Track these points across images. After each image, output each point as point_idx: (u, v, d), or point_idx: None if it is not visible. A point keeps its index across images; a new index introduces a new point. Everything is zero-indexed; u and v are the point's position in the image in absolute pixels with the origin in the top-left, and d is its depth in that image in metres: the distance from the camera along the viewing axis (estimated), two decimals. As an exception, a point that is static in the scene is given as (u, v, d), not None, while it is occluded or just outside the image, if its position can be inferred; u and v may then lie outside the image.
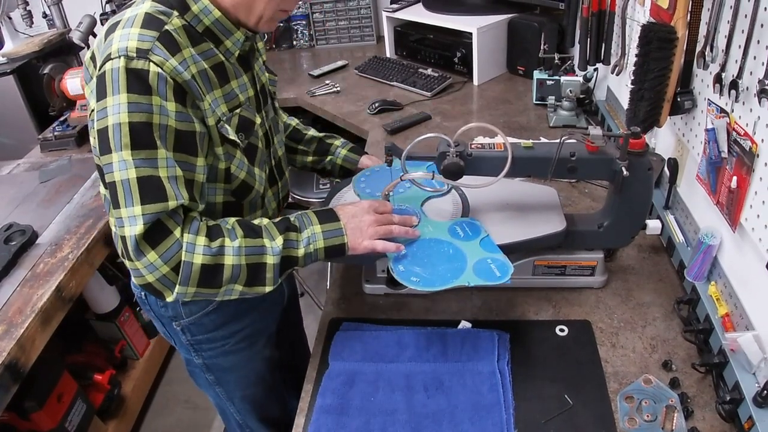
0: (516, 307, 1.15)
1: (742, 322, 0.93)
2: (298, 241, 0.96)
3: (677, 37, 1.01)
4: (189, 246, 0.87)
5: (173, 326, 1.15)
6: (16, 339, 1.28)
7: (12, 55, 2.40)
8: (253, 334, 1.23)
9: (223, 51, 0.96)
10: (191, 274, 0.87)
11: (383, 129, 1.87)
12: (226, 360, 1.23)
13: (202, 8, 0.92)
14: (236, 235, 0.91)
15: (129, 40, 0.84)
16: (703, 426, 0.89)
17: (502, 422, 0.91)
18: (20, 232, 1.56)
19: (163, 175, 0.85)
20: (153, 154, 0.84)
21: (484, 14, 2.10)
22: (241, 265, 0.90)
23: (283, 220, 0.98)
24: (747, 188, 0.89)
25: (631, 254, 1.25)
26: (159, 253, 0.85)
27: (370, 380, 1.00)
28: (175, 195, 0.86)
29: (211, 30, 0.94)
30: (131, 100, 0.83)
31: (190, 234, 0.88)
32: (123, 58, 0.82)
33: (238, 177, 1.01)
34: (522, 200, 1.18)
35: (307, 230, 0.97)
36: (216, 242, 0.89)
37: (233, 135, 0.96)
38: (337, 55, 2.57)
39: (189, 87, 0.88)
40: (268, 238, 0.94)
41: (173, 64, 0.85)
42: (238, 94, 0.99)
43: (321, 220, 0.99)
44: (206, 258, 0.87)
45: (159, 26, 0.87)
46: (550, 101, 1.81)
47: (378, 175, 1.29)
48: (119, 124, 0.83)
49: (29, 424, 1.56)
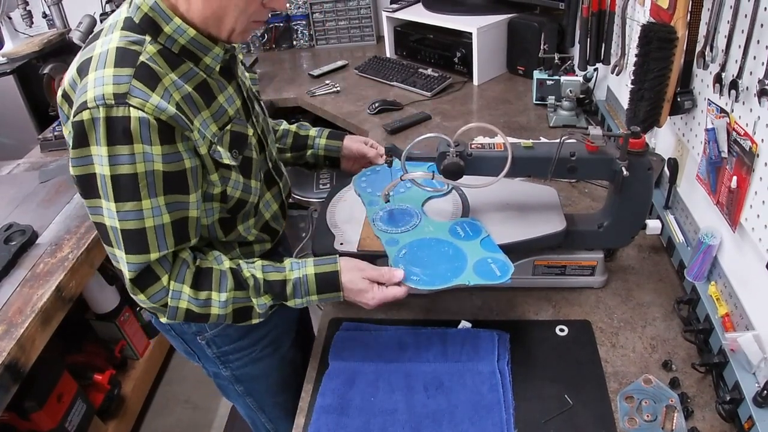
0: (516, 307, 1.15)
1: (742, 322, 0.93)
2: (290, 304, 0.98)
3: (677, 37, 1.01)
4: (175, 294, 0.90)
5: (197, 341, 1.14)
6: (16, 339, 1.28)
7: (12, 55, 2.40)
8: (278, 337, 1.23)
9: (203, 68, 0.92)
10: (177, 314, 0.92)
11: (383, 129, 1.87)
12: (254, 368, 1.22)
13: (175, 28, 0.88)
14: (225, 288, 0.93)
15: (104, 85, 0.80)
16: (703, 426, 0.89)
17: (502, 422, 0.91)
18: (20, 232, 1.56)
19: (149, 225, 0.85)
20: (138, 205, 0.84)
21: (484, 14, 2.10)
22: (227, 314, 0.94)
23: (276, 284, 0.96)
24: (747, 188, 0.89)
25: (631, 254, 1.25)
26: (148, 296, 0.90)
27: (370, 380, 1.00)
28: (158, 246, 0.87)
29: (187, 49, 0.89)
30: (113, 153, 0.80)
31: (176, 282, 0.90)
32: (101, 107, 0.79)
33: (234, 197, 0.99)
34: (522, 200, 1.18)
35: (302, 299, 0.97)
36: (203, 294, 0.92)
37: (227, 157, 0.94)
38: (337, 55, 2.57)
39: (175, 121, 0.84)
40: (255, 295, 0.95)
41: (155, 103, 0.81)
42: (227, 108, 0.96)
43: (321, 290, 0.97)
44: (192, 306, 0.92)
45: (133, 60, 0.83)
46: (550, 101, 1.81)
47: (378, 175, 1.29)
48: (104, 176, 0.82)
49: (29, 424, 1.56)
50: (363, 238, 1.11)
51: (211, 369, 1.23)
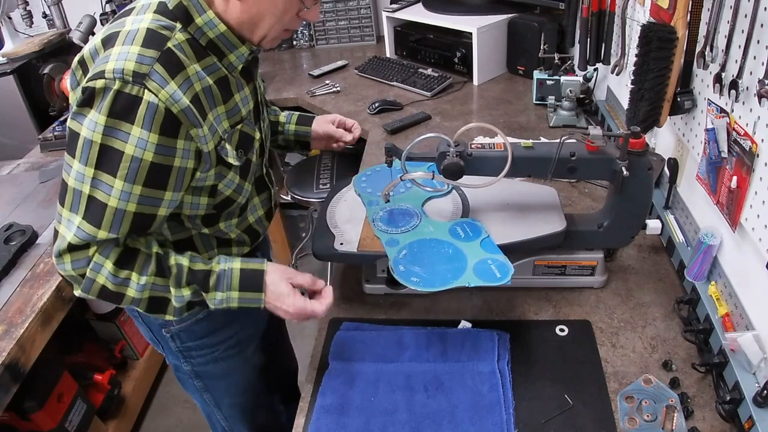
0: (516, 307, 1.15)
1: (742, 322, 0.93)
2: (209, 298, 0.94)
3: (677, 37, 1.01)
4: (95, 266, 0.88)
5: (162, 333, 1.14)
6: (16, 339, 1.28)
7: (12, 55, 2.40)
8: (243, 340, 1.22)
9: (226, 65, 0.93)
10: (92, 288, 0.89)
11: (383, 129, 1.87)
12: (216, 367, 1.22)
13: (207, 21, 0.89)
14: (147, 271, 0.90)
15: (127, 61, 0.80)
16: (703, 426, 0.89)
17: (502, 422, 0.91)
18: (20, 232, 1.56)
19: (112, 204, 0.84)
20: (112, 181, 0.83)
21: (484, 14, 2.10)
22: (142, 298, 0.91)
23: (200, 273, 0.93)
24: (747, 188, 0.89)
25: (631, 254, 1.25)
26: (72, 260, 0.87)
27: (370, 380, 1.00)
28: (110, 227, 0.85)
29: (214, 43, 0.91)
30: (111, 125, 0.80)
31: (99, 255, 0.88)
32: (118, 80, 0.79)
33: (224, 193, 0.99)
34: (522, 200, 1.18)
35: (223, 294, 0.94)
36: (123, 273, 0.89)
37: (232, 156, 0.94)
38: (337, 55, 2.57)
39: (185, 116, 0.84)
40: (175, 285, 0.92)
41: (170, 91, 0.82)
42: (241, 108, 0.97)
43: (243, 288, 0.94)
44: (108, 283, 0.89)
45: (161, 44, 0.83)
46: (550, 101, 1.81)
47: (378, 174, 1.29)
48: (92, 142, 0.81)
49: (29, 424, 1.56)
50: (363, 238, 1.11)
51: (172, 361, 1.23)
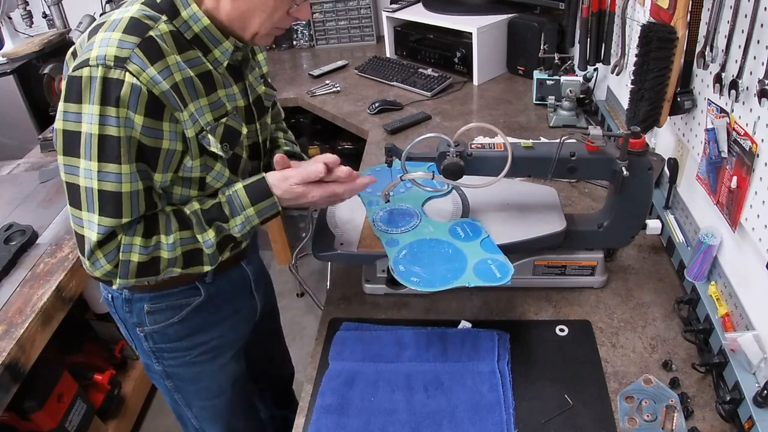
0: (516, 307, 1.15)
1: (742, 322, 0.93)
2: (231, 227, 0.97)
3: (677, 37, 1.01)
4: (125, 247, 0.90)
5: (137, 331, 1.13)
6: (16, 339, 1.28)
7: (12, 55, 2.39)
8: (219, 347, 1.21)
9: (211, 60, 0.94)
10: (129, 270, 0.91)
11: (383, 129, 1.87)
12: (186, 370, 1.21)
13: (191, 14, 0.91)
14: (171, 229, 0.93)
15: (108, 47, 0.82)
16: (703, 426, 0.89)
17: (502, 422, 0.91)
18: (20, 232, 1.56)
19: (126, 190, 0.87)
20: (118, 168, 0.85)
21: (484, 14, 2.10)
22: (176, 257, 0.94)
23: (213, 207, 0.96)
24: (747, 188, 0.89)
25: (631, 254, 1.25)
26: (104, 254, 0.90)
27: (370, 380, 1.00)
28: (131, 212, 0.89)
29: (199, 37, 0.92)
30: (104, 113, 0.83)
31: (126, 236, 0.90)
32: (101, 67, 0.81)
33: (213, 186, 1.00)
34: (522, 200, 1.18)
35: (240, 216, 0.96)
36: (152, 240, 0.92)
37: (215, 146, 0.95)
38: (337, 55, 2.57)
39: (166, 98, 0.86)
40: (199, 231, 0.95)
41: (151, 74, 0.84)
42: (225, 102, 0.97)
43: (254, 200, 0.97)
44: (142, 257, 0.91)
45: (142, 32, 0.85)
46: (550, 101, 1.81)
47: (378, 175, 1.29)
48: (91, 135, 0.83)
49: (29, 424, 1.56)
50: (363, 238, 1.11)
51: (144, 360, 1.22)
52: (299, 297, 2.64)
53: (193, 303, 1.11)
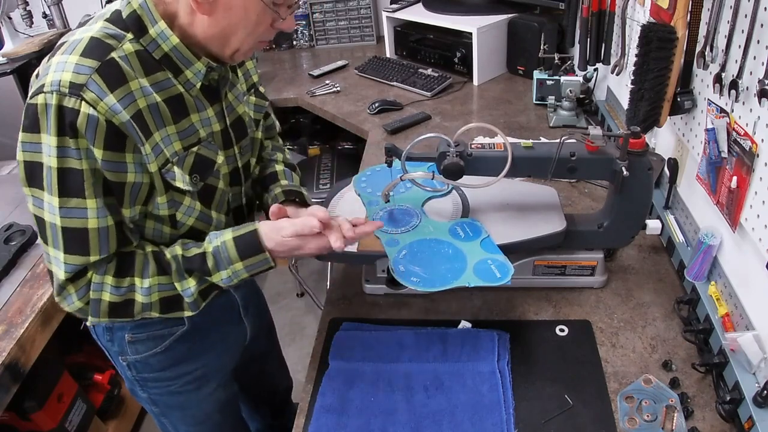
0: (516, 307, 1.15)
1: (742, 322, 0.93)
2: (215, 279, 0.90)
3: (677, 37, 1.01)
4: (96, 286, 0.85)
5: (119, 360, 1.08)
6: (16, 339, 1.28)
7: (12, 55, 2.39)
8: (205, 375, 1.15)
9: (183, 82, 0.86)
10: (100, 309, 0.87)
11: (383, 129, 1.87)
12: (171, 399, 1.16)
13: (159, 32, 0.83)
14: (148, 273, 0.87)
15: (64, 72, 0.76)
16: (703, 426, 0.89)
17: (502, 422, 0.91)
18: (20, 232, 1.56)
19: (93, 226, 0.81)
20: (83, 203, 0.80)
21: (484, 14, 2.10)
22: (152, 302, 0.88)
23: (196, 258, 0.89)
24: (747, 188, 0.89)
25: (631, 254, 1.25)
26: (76, 290, 0.86)
27: (370, 380, 1.00)
28: (99, 249, 0.83)
29: (169, 57, 0.84)
30: (61, 144, 0.77)
31: (97, 275, 0.85)
32: (55, 94, 0.75)
33: (186, 224, 0.94)
34: (522, 200, 1.18)
35: (227, 270, 0.89)
36: (125, 281, 0.86)
37: (180, 180, 0.88)
38: (337, 55, 2.57)
39: (127, 129, 0.79)
40: (178, 278, 0.89)
41: (109, 103, 0.77)
42: (199, 129, 0.90)
43: (243, 255, 0.89)
44: (114, 297, 0.86)
45: (103, 54, 0.78)
46: (550, 101, 1.81)
47: (378, 174, 1.29)
48: (50, 168, 0.78)
49: (29, 424, 1.56)
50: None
51: (128, 386, 1.16)
52: (299, 297, 2.64)
53: (176, 333, 1.05)
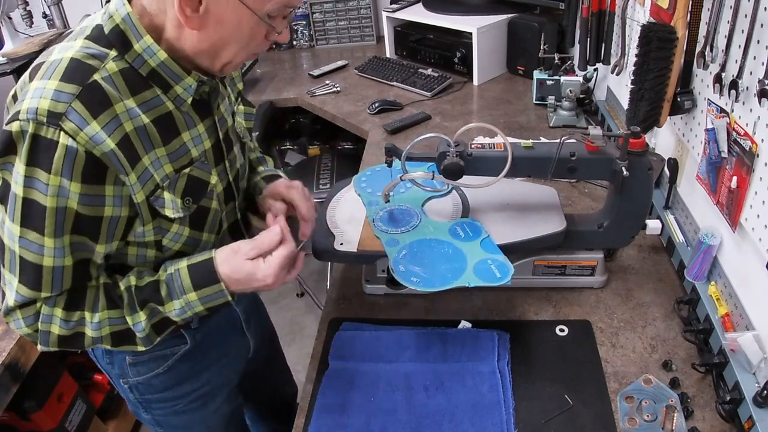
0: (516, 307, 1.15)
1: (742, 322, 0.93)
2: (168, 311, 0.85)
3: (677, 37, 1.01)
4: (45, 318, 0.81)
5: (121, 383, 1.05)
6: (16, 339, 1.28)
7: (12, 55, 2.39)
8: (210, 391, 1.13)
9: (173, 97, 0.81)
10: (50, 340, 0.83)
11: (383, 129, 1.87)
12: (176, 418, 1.13)
13: (145, 48, 0.77)
14: (98, 307, 0.83)
15: (42, 98, 0.70)
16: (703, 426, 0.89)
17: (502, 422, 0.91)
18: (20, 232, 1.56)
19: (47, 264, 0.77)
20: (41, 240, 0.75)
21: (484, 14, 2.10)
22: (102, 336, 0.84)
23: (149, 286, 0.84)
24: (747, 188, 0.89)
25: (631, 254, 1.25)
26: (23, 316, 0.82)
27: (370, 380, 1.00)
28: (51, 287, 0.79)
29: (157, 73, 0.79)
30: (30, 174, 0.72)
31: (46, 306, 0.81)
32: (32, 123, 0.70)
33: (172, 248, 0.90)
34: (522, 200, 1.18)
35: (180, 300, 0.84)
36: (75, 315, 0.82)
37: (170, 208, 0.83)
38: (337, 55, 2.57)
39: (109, 160, 0.74)
40: (130, 312, 0.84)
41: (90, 133, 0.72)
42: (191, 149, 0.85)
43: (197, 285, 0.84)
44: (63, 330, 0.82)
45: (84, 77, 0.73)
46: (550, 101, 1.81)
47: (378, 174, 1.29)
48: (16, 195, 0.73)
49: (29, 424, 1.56)
50: (363, 238, 1.11)
51: (132, 408, 1.13)
52: (299, 297, 2.64)
53: (178, 352, 1.02)
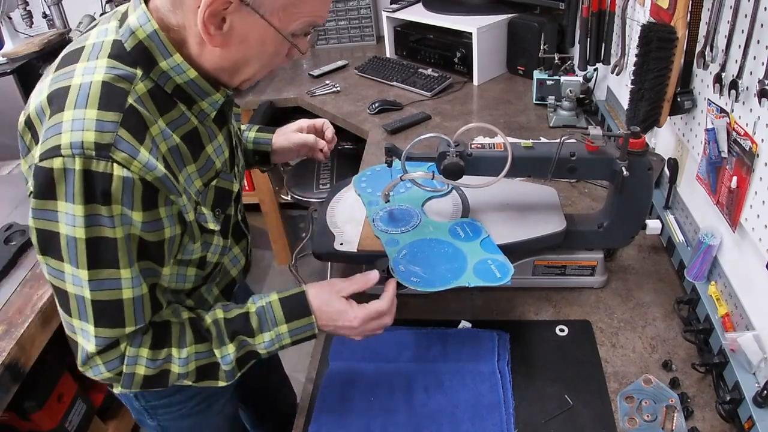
0: (516, 307, 1.15)
1: (742, 322, 0.93)
2: (257, 343, 0.84)
3: (677, 37, 1.01)
4: (130, 360, 0.79)
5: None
6: (16, 339, 1.28)
7: (12, 55, 2.39)
8: (213, 394, 1.12)
9: (197, 112, 0.80)
10: (133, 382, 0.81)
11: (383, 129, 1.87)
12: (182, 423, 1.11)
13: (174, 66, 0.75)
14: (186, 342, 0.81)
15: (85, 131, 0.66)
16: (703, 426, 0.89)
17: (502, 422, 0.91)
18: (20, 232, 1.56)
19: (127, 296, 0.74)
20: (116, 273, 0.72)
21: (484, 14, 2.10)
22: (189, 372, 0.82)
23: (239, 318, 0.84)
24: (747, 188, 0.89)
25: (631, 254, 1.25)
26: (104, 362, 0.78)
27: (370, 380, 1.00)
28: (134, 320, 0.76)
29: (183, 90, 0.77)
30: (90, 212, 0.68)
31: (132, 348, 0.78)
32: (78, 158, 0.65)
33: (212, 262, 0.90)
34: (522, 200, 1.18)
35: (270, 332, 0.84)
36: (161, 353, 0.80)
37: (211, 221, 0.84)
38: (337, 55, 2.57)
39: (162, 183, 0.72)
40: (218, 344, 0.83)
41: (143, 161, 0.69)
42: (215, 160, 0.85)
43: (289, 318, 0.85)
44: (149, 370, 0.80)
45: (121, 103, 0.69)
46: (550, 101, 1.81)
47: (378, 174, 1.29)
48: (75, 239, 0.69)
49: (29, 424, 1.56)
50: (363, 238, 1.11)
51: (136, 416, 1.12)
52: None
53: None
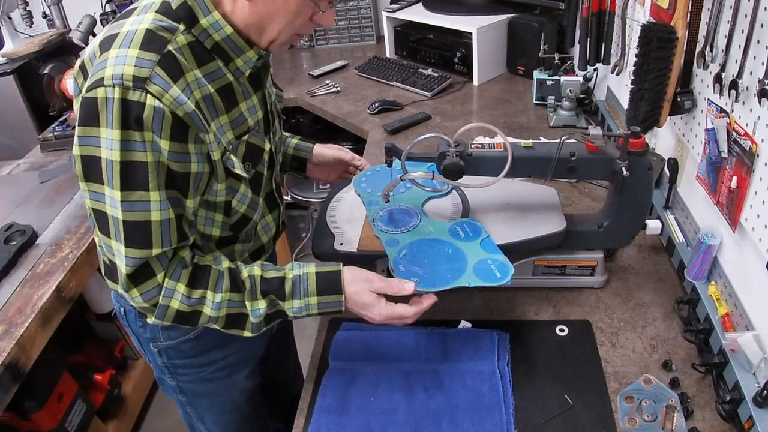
0: (516, 307, 1.15)
1: (742, 322, 0.93)
2: (286, 307, 0.92)
3: (677, 37, 1.01)
4: (167, 291, 0.86)
5: (150, 347, 1.10)
6: (16, 339, 1.28)
7: (12, 55, 2.39)
8: (236, 363, 1.17)
9: (233, 70, 0.89)
10: (166, 314, 0.88)
11: (383, 129, 1.87)
12: (201, 386, 1.18)
13: (213, 23, 0.84)
14: (222, 288, 0.89)
15: (125, 65, 0.76)
16: (703, 426, 0.89)
17: (502, 422, 0.91)
18: (20, 232, 1.56)
19: (155, 218, 0.82)
20: (146, 196, 0.80)
21: (484, 14, 2.10)
22: (219, 316, 0.89)
23: (275, 281, 0.91)
24: (747, 188, 0.89)
25: (631, 254, 1.25)
26: (141, 292, 0.86)
27: (370, 380, 1.00)
28: (161, 242, 0.83)
29: (220, 47, 0.86)
30: (125, 138, 0.77)
31: (170, 280, 0.86)
32: (118, 87, 0.75)
33: (239, 211, 0.96)
34: (522, 200, 1.18)
35: (301, 301, 0.91)
36: (197, 292, 0.88)
37: (239, 167, 0.90)
38: (337, 55, 2.57)
39: (191, 120, 0.81)
40: (250, 298, 0.90)
41: (174, 95, 0.78)
42: (247, 118, 0.92)
43: (321, 291, 0.92)
44: (183, 306, 0.87)
45: (161, 47, 0.79)
46: (550, 101, 1.81)
47: (378, 174, 1.29)
48: (112, 162, 0.78)
49: (29, 424, 1.56)
50: (363, 238, 1.11)
51: (157, 374, 1.19)
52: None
53: None
